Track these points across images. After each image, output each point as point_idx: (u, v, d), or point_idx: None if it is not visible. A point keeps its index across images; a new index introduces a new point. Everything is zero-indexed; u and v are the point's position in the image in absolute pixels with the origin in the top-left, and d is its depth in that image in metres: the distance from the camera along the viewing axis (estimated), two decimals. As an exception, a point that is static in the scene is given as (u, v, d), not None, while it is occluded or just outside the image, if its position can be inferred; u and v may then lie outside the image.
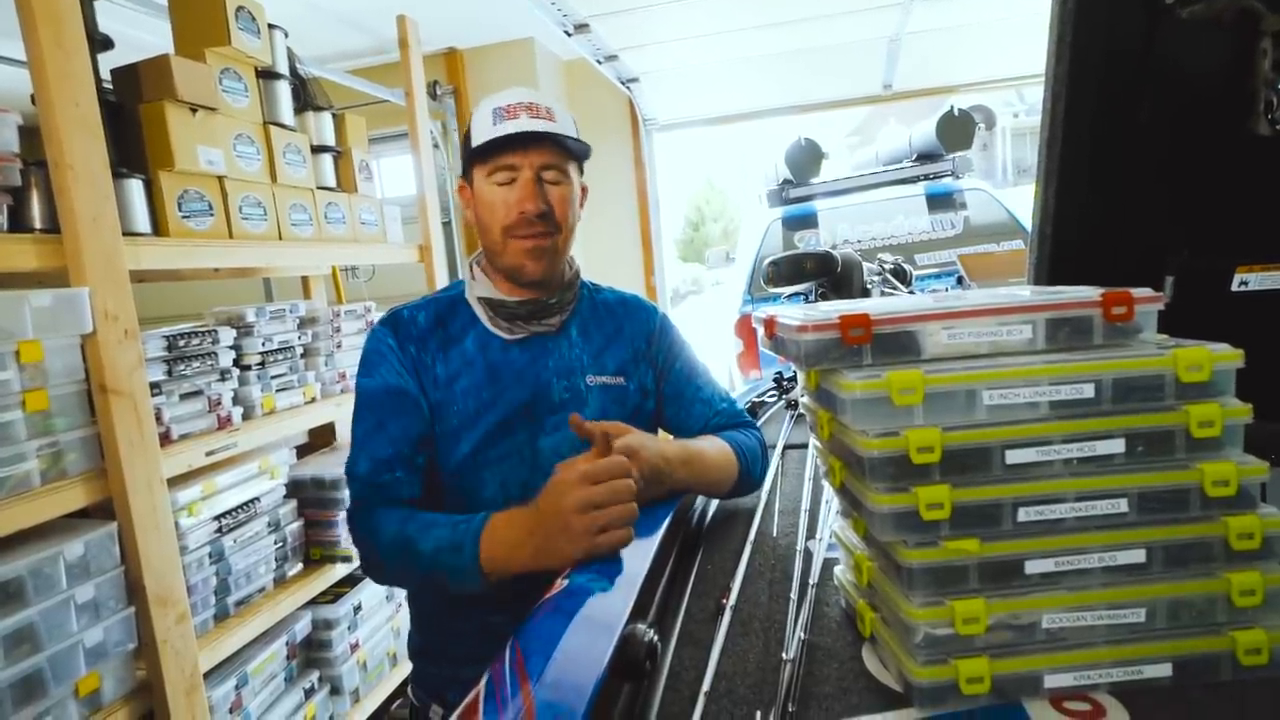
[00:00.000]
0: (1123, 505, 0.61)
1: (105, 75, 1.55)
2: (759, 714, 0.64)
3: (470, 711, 0.52)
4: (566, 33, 3.06)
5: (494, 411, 1.02)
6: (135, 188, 1.50)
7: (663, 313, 1.18)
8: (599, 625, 0.61)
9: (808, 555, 0.94)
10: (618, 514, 0.79)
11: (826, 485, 1.19)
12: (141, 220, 1.51)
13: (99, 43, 1.49)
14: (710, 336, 5.18)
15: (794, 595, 0.83)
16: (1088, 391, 0.63)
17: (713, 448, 1.04)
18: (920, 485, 0.62)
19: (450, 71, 4.08)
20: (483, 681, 0.56)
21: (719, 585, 0.90)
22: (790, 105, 4.64)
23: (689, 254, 23.63)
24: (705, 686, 0.67)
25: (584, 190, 1.10)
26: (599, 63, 3.53)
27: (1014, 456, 0.62)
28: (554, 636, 0.58)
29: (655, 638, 0.66)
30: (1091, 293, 0.67)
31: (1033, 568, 0.62)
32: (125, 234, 1.41)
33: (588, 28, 3.07)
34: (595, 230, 4.48)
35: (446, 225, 3.69)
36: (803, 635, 0.74)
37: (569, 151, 1.03)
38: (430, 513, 0.94)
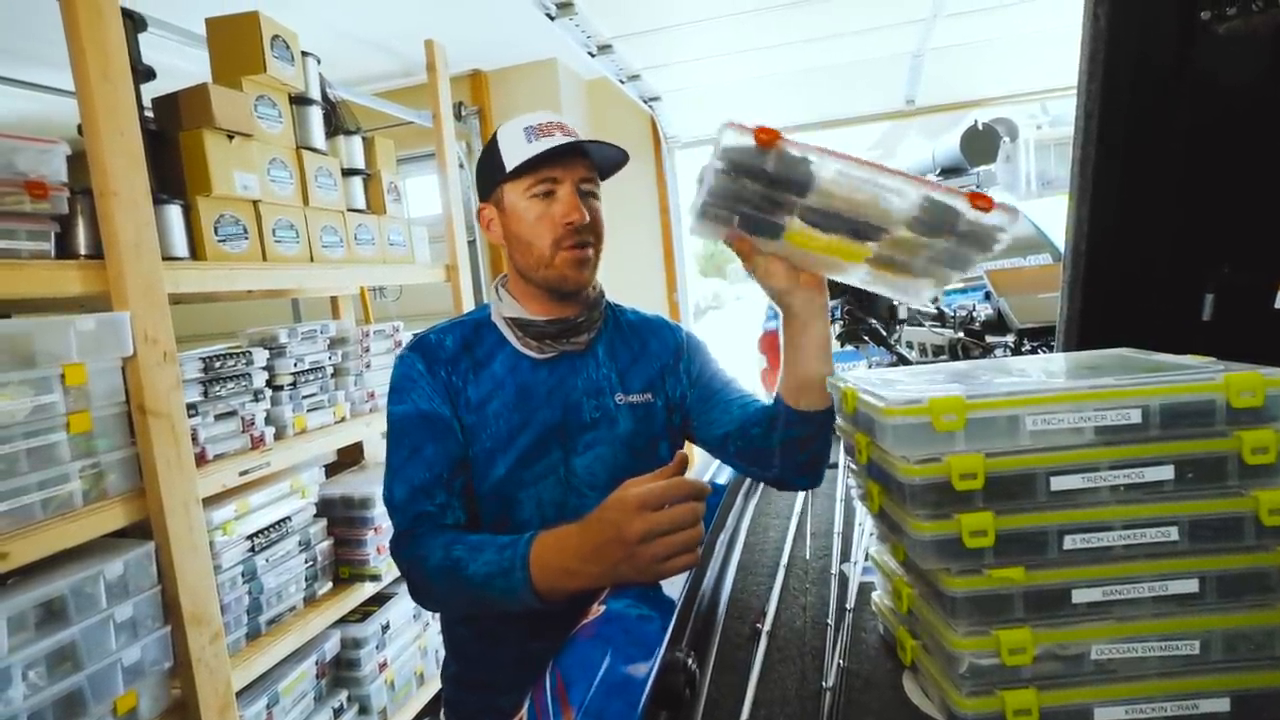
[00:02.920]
0: (1173, 533, 0.60)
1: (147, 104, 1.60)
2: (799, 744, 0.63)
3: (513, 742, 0.52)
4: (590, 54, 3.09)
5: (526, 433, 1.02)
6: (174, 213, 1.54)
7: (687, 330, 1.19)
8: (639, 652, 0.60)
9: (843, 579, 0.93)
10: (681, 541, 0.77)
11: (859, 507, 1.18)
12: (180, 245, 1.54)
13: (142, 74, 1.54)
14: (734, 352, 5.16)
15: (831, 621, 0.82)
16: (1134, 417, 0.61)
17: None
18: (963, 512, 0.61)
19: (475, 93, 4.15)
20: (524, 710, 0.56)
21: (753, 609, 0.89)
22: (812, 122, 4.64)
23: (709, 269, 23.63)
24: (744, 716, 0.66)
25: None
26: (621, 82, 3.57)
27: (1059, 483, 0.61)
28: (594, 664, 0.58)
29: (694, 664, 0.65)
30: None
31: (1080, 597, 0.60)
32: (165, 258, 1.44)
33: (611, 49, 3.10)
34: (618, 247, 4.50)
35: (471, 244, 3.73)
36: (842, 662, 0.73)
37: (598, 168, 1.06)
38: (475, 535, 0.92)
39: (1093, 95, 1.16)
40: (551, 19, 2.68)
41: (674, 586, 0.75)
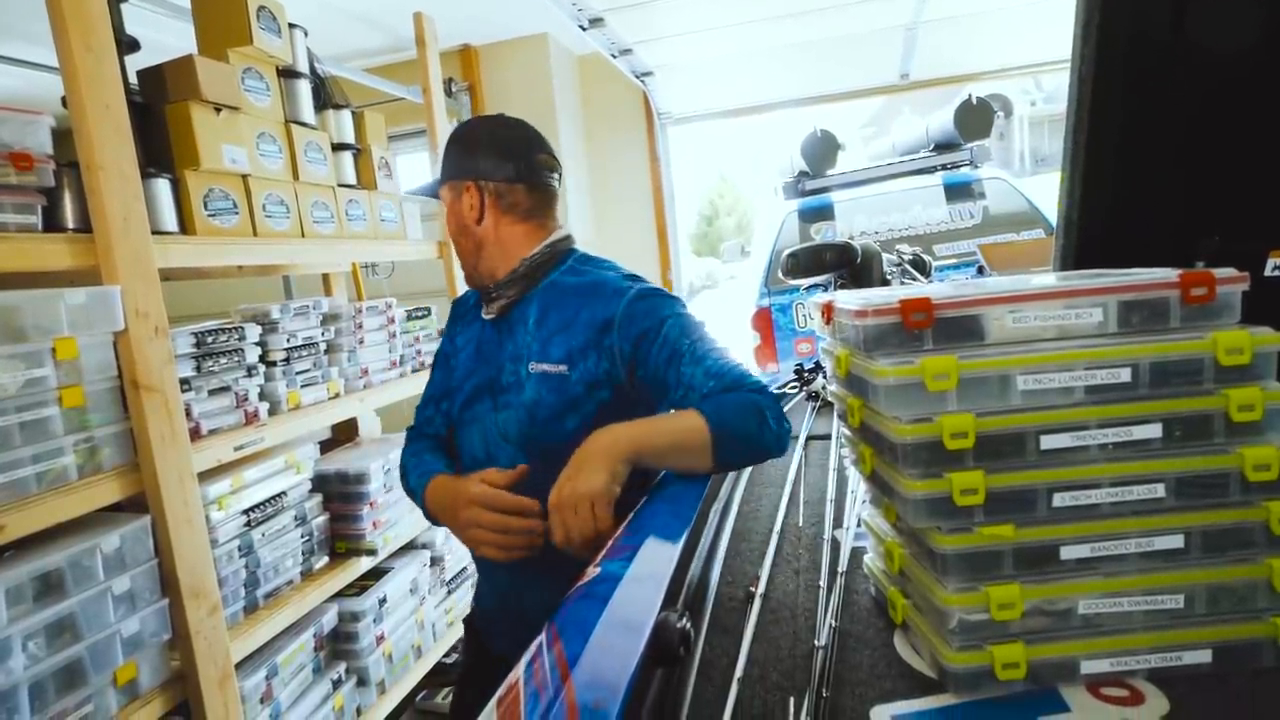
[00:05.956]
0: (1160, 490, 0.61)
1: (132, 77, 1.57)
2: (792, 700, 0.64)
3: (512, 699, 0.53)
4: (581, 27, 3.06)
5: (470, 381, 1.21)
6: (163, 187, 1.52)
7: (637, 299, 1.10)
8: (633, 612, 0.61)
9: (835, 544, 0.94)
10: (488, 539, 0.99)
11: (851, 476, 1.19)
12: (169, 219, 1.53)
13: (126, 45, 1.51)
14: (727, 331, 5.17)
15: (823, 583, 0.83)
16: (1124, 376, 0.62)
17: (667, 429, 0.99)
18: (954, 471, 0.62)
19: (465, 68, 4.10)
20: (521, 668, 0.57)
21: (747, 574, 0.90)
22: (806, 97, 4.61)
23: (703, 248, 23.57)
24: (738, 673, 0.67)
25: (455, 194, 1.19)
26: (614, 57, 3.53)
27: (1049, 442, 0.62)
28: (589, 623, 0.58)
29: (689, 625, 0.66)
30: (1168, 273, 0.65)
31: (1068, 553, 0.62)
32: (154, 233, 1.43)
33: (602, 22, 3.07)
34: (610, 225, 4.48)
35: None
36: (834, 622, 0.74)
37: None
38: (430, 454, 1.21)
39: (1086, 61, 1.15)
40: (542, -10, 2.65)
41: (669, 550, 0.76)
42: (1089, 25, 1.13)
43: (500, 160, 1.16)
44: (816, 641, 0.71)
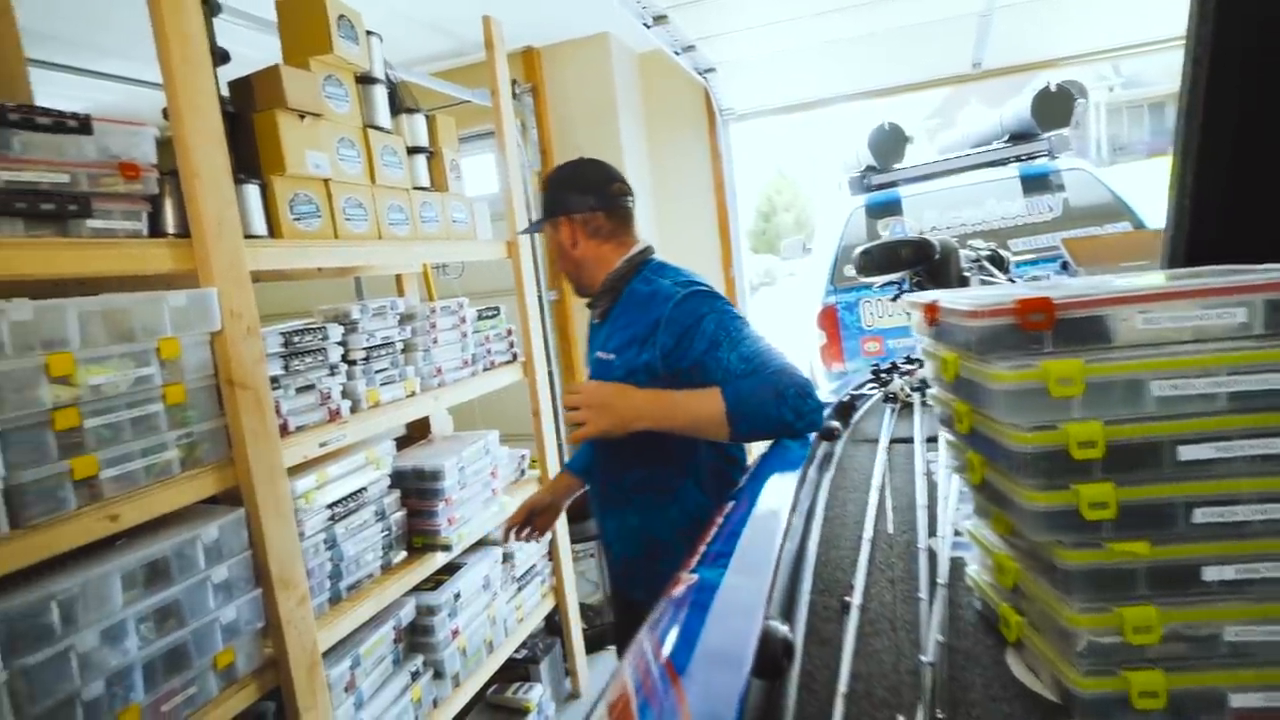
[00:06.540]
0: (1318, 507, 0.56)
1: (222, 87, 1.64)
2: (901, 718, 0.61)
3: (622, 706, 0.52)
4: (645, 25, 3.04)
5: (589, 364, 1.55)
6: (253, 192, 1.58)
7: (681, 302, 1.34)
8: (736, 619, 0.60)
9: (931, 554, 0.91)
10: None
11: (941, 481, 1.15)
12: (259, 223, 1.59)
13: (218, 57, 1.57)
14: (787, 330, 5.08)
15: (923, 594, 0.80)
16: (1274, 382, 0.57)
17: (691, 393, 1.28)
18: (1080, 482, 0.58)
19: (527, 70, 4.14)
20: (627, 674, 0.56)
21: (839, 583, 0.87)
22: (872, 89, 4.48)
23: (760, 245, 23.28)
24: (842, 688, 0.65)
25: (554, 229, 1.50)
26: (676, 54, 3.51)
27: (1188, 453, 0.58)
28: (693, 631, 0.57)
29: (790, 635, 0.65)
30: None
31: (1211, 574, 0.57)
32: (245, 236, 1.49)
33: (666, 19, 3.05)
34: (671, 223, 4.47)
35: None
36: (939, 637, 0.71)
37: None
38: None
39: (1202, 41, 1.07)
40: (608, -11, 2.65)
41: (765, 552, 0.74)
42: (1206, 4, 1.05)
43: (582, 195, 1.46)
44: (923, 657, 0.68)
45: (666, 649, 0.57)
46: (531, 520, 1.71)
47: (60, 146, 1.17)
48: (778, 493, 0.95)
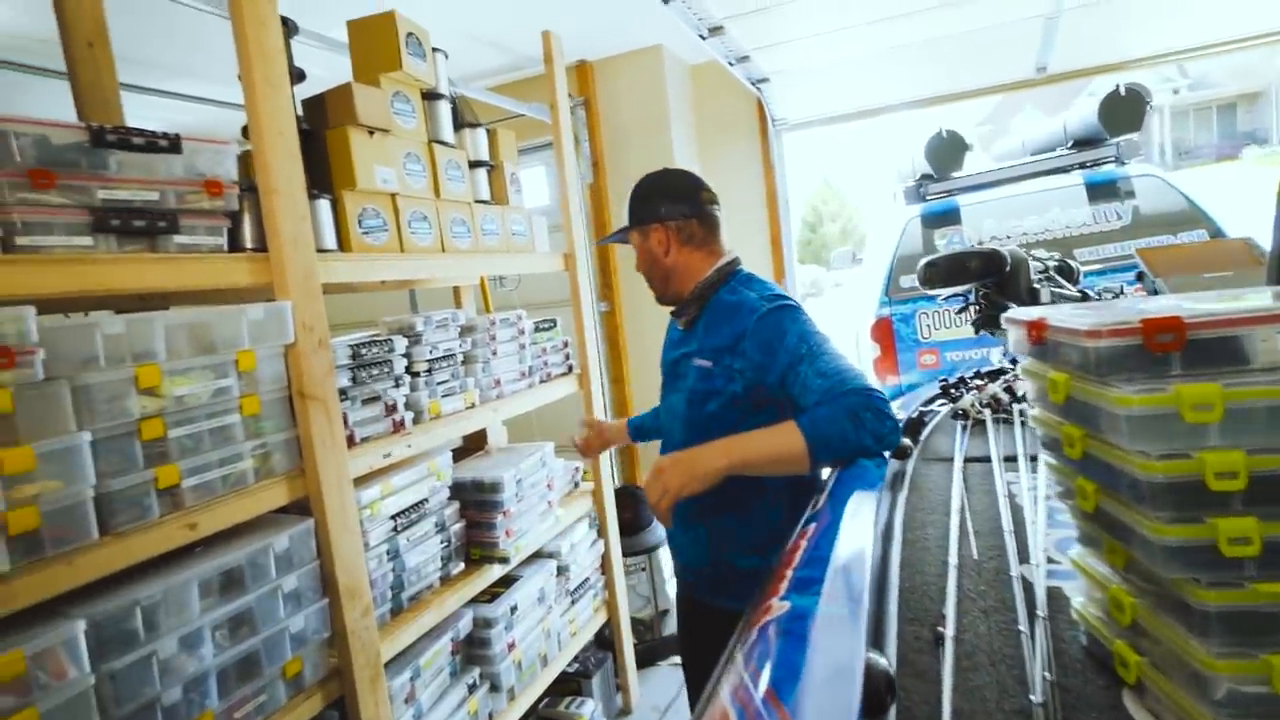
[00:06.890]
0: None
1: (297, 106, 1.69)
2: (1014, 763, 0.57)
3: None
4: (701, 36, 3.04)
5: (663, 367, 1.60)
6: (324, 207, 1.62)
7: (765, 315, 1.36)
8: (837, 652, 0.57)
9: (1026, 583, 0.86)
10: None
11: (1028, 504, 1.09)
12: (329, 238, 1.63)
13: (295, 76, 1.62)
14: (838, 341, 4.97)
15: (1025, 628, 0.76)
16: None
17: (765, 432, 1.23)
18: (1218, 516, 0.54)
19: (580, 83, 4.18)
20: (728, 704, 0.54)
21: (929, 612, 0.83)
22: (930, 96, 4.39)
23: (806, 256, 23.00)
24: (947, 727, 0.61)
25: (644, 236, 1.52)
26: (731, 64, 3.49)
27: (1343, 485, 0.53)
28: (795, 662, 0.55)
29: (891, 670, 0.61)
30: None
31: (1373, 620, 0.52)
32: (317, 250, 1.52)
33: (722, 30, 3.04)
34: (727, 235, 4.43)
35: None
36: (1047, 675, 0.67)
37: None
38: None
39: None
40: (665, 1, 2.65)
41: (856, 586, 0.71)
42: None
43: (675, 202, 1.48)
44: (1032, 696, 0.64)
45: (765, 679, 0.55)
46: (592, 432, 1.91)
47: (151, 165, 1.21)
48: (861, 515, 0.91)
